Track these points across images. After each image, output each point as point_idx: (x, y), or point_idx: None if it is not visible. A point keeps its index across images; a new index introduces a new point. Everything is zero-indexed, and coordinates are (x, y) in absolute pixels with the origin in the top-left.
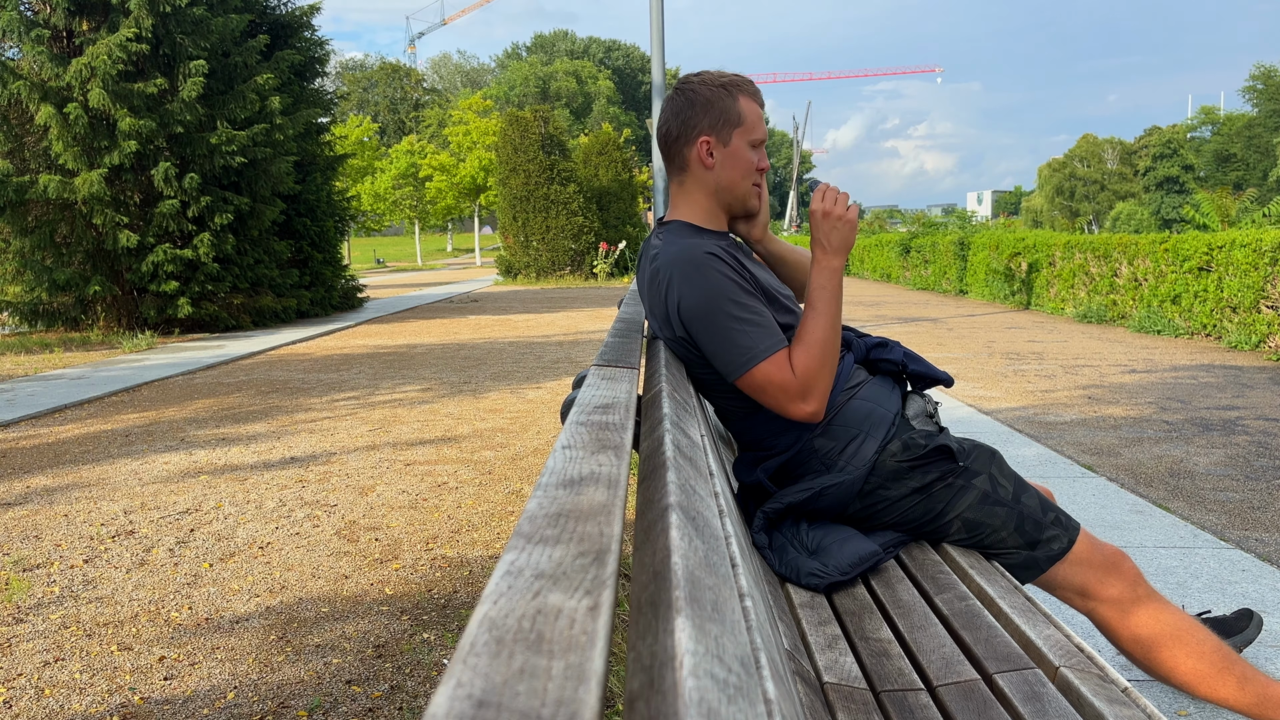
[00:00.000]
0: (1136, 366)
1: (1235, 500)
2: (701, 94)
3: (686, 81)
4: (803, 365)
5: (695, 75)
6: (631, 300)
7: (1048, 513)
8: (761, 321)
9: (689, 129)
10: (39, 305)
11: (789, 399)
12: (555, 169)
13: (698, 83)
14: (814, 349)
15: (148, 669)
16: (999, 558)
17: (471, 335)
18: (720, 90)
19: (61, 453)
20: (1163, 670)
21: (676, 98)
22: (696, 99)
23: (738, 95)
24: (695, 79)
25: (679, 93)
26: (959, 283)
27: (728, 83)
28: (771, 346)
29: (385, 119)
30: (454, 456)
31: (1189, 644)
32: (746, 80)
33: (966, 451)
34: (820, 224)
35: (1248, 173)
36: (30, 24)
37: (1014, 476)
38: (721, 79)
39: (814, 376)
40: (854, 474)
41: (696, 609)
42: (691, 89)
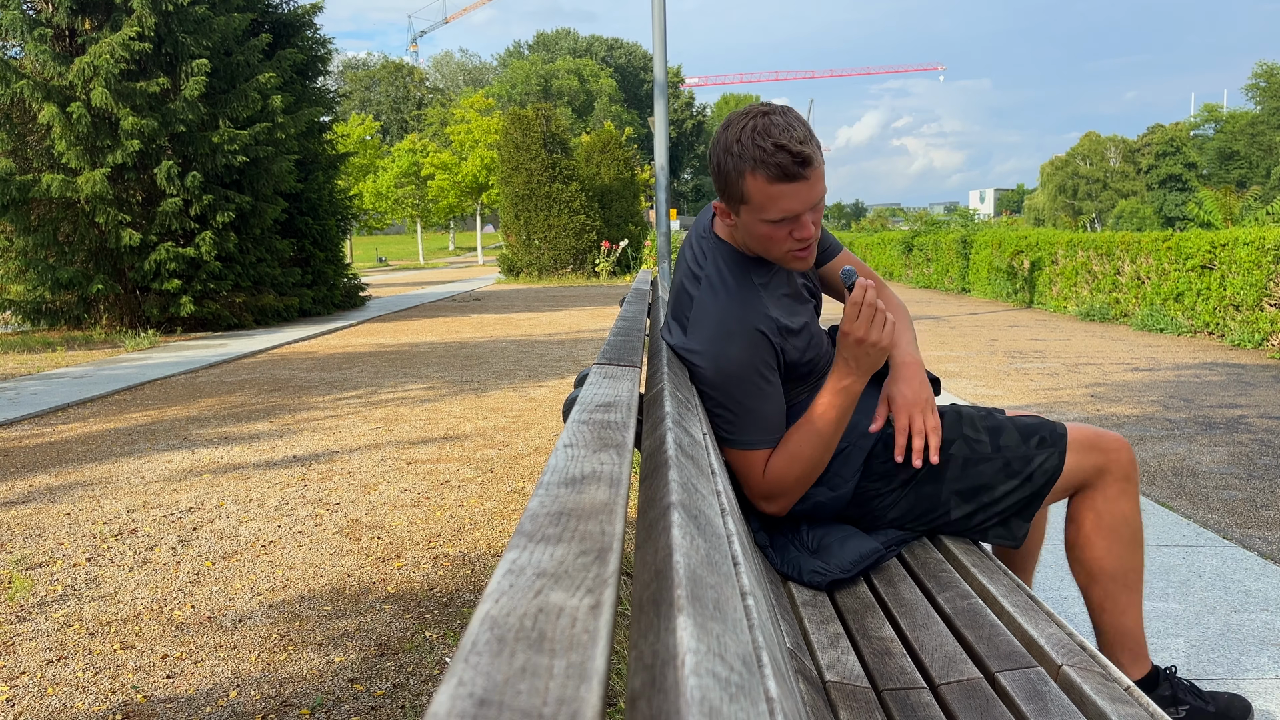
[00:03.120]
0: (1139, 365)
1: (1238, 499)
2: (714, 157)
3: (721, 132)
4: (778, 473)
5: (736, 122)
6: (634, 299)
7: (1030, 439)
8: (762, 413)
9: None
10: (42, 304)
11: (753, 494)
12: (557, 167)
13: (722, 139)
14: (796, 465)
15: (150, 667)
16: (1009, 510)
17: (474, 334)
18: (731, 160)
19: (64, 451)
20: (1086, 564)
21: (714, 139)
22: (712, 157)
23: (745, 174)
24: (726, 134)
25: (715, 138)
26: (961, 281)
27: (743, 154)
28: (756, 442)
29: (387, 118)
30: (456, 455)
31: (1126, 584)
32: (772, 151)
33: None
34: (850, 347)
35: (1251, 170)
36: (33, 23)
37: (985, 424)
38: (739, 146)
39: (785, 487)
40: (845, 487)
41: (698, 607)
42: (715, 144)
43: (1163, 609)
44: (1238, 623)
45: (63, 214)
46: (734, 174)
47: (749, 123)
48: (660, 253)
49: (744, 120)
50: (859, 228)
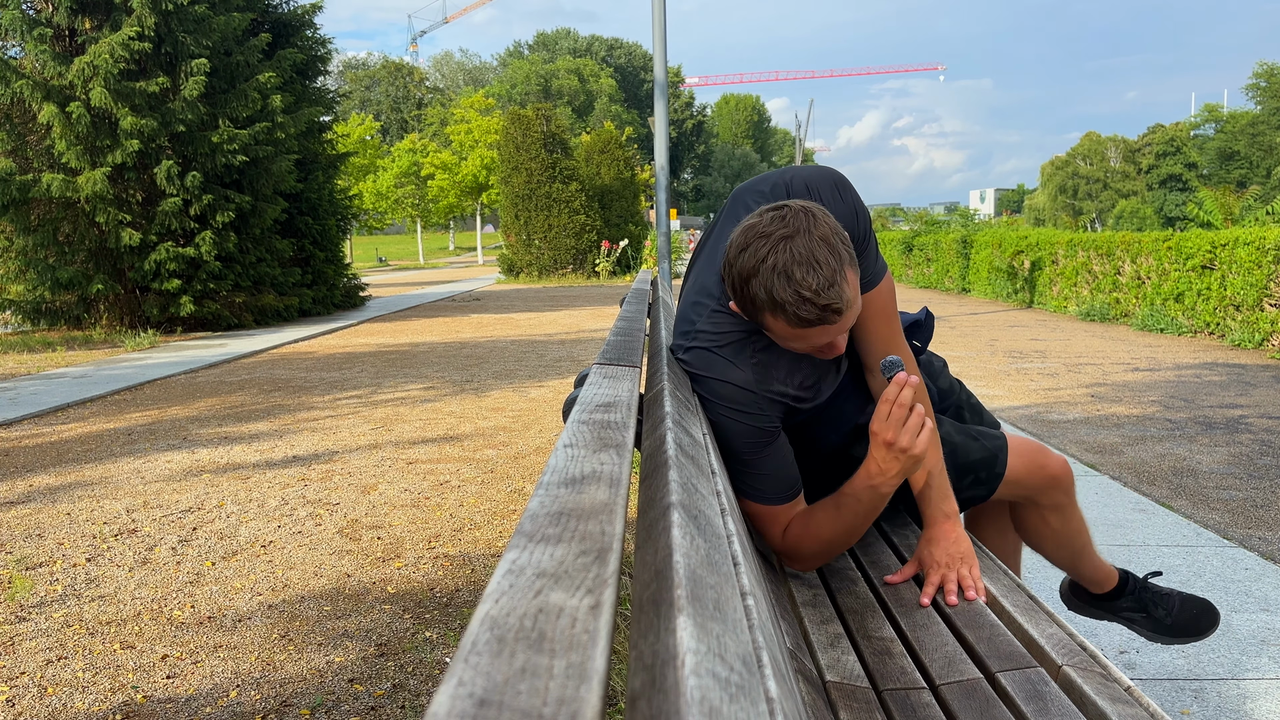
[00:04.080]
0: (1139, 365)
1: (1239, 499)
2: (732, 279)
3: (738, 254)
4: (795, 542)
5: (755, 249)
6: (634, 299)
7: (964, 477)
8: (766, 470)
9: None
10: (42, 304)
11: (772, 548)
12: (557, 167)
13: (740, 265)
14: (814, 542)
15: (150, 667)
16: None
17: (474, 334)
18: (749, 292)
19: (64, 451)
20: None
21: (731, 257)
22: (729, 276)
23: (765, 313)
24: (745, 260)
25: (732, 257)
26: (962, 281)
27: (764, 297)
28: (767, 497)
29: (387, 117)
30: (456, 455)
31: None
32: (795, 303)
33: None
34: (880, 447)
35: (1251, 171)
36: (32, 23)
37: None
38: (760, 288)
39: (803, 556)
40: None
41: (698, 607)
42: (733, 265)
43: None
44: (1238, 623)
45: (63, 214)
46: (753, 307)
47: (770, 258)
48: (660, 253)
49: (764, 252)
50: None
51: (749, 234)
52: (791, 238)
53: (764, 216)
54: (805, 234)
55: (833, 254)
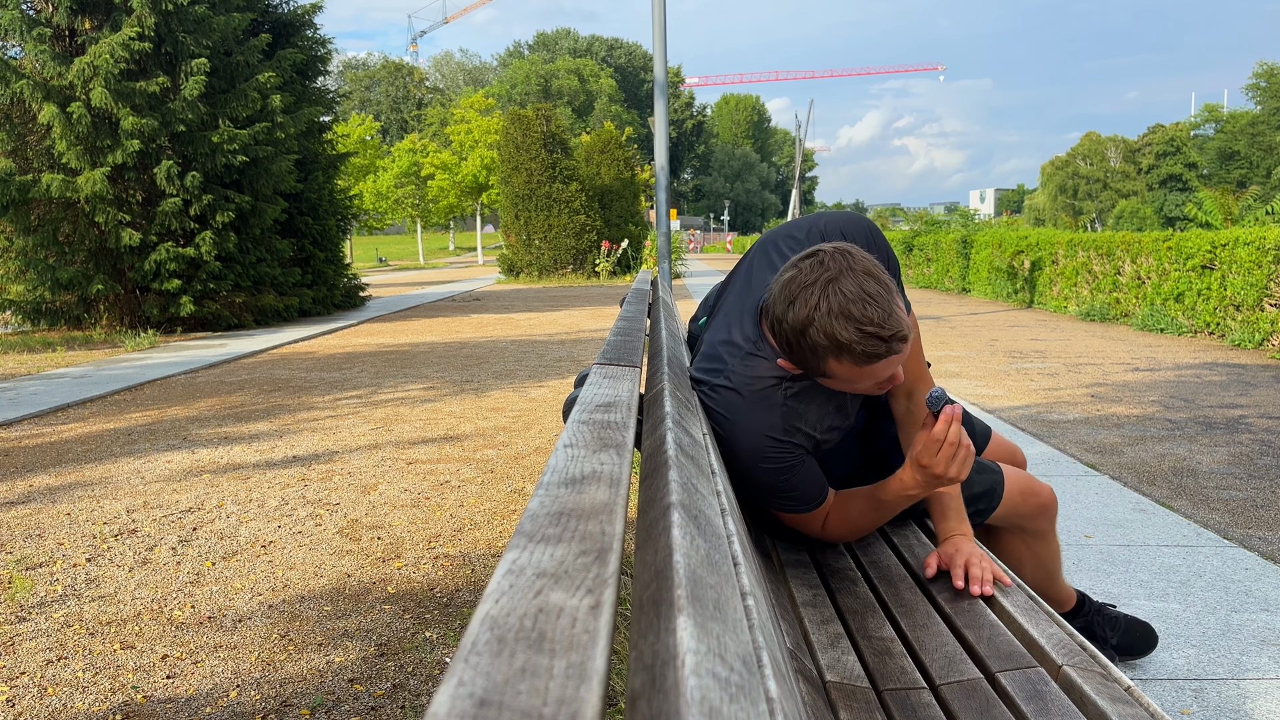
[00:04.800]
0: (1140, 365)
1: (1239, 499)
2: (786, 335)
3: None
4: (837, 533)
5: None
6: (634, 299)
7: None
8: (802, 491)
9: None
10: (42, 304)
11: (812, 538)
12: (557, 167)
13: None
14: (854, 530)
15: (150, 667)
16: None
17: (474, 334)
18: (807, 342)
19: (64, 451)
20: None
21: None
22: (782, 333)
23: (829, 360)
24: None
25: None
26: (962, 281)
27: (826, 343)
28: (803, 509)
29: (387, 118)
30: (456, 455)
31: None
32: (861, 339)
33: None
34: (922, 470)
35: (1251, 171)
36: (32, 23)
37: None
38: (821, 335)
39: (843, 539)
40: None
41: (698, 608)
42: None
43: (1163, 609)
44: (1238, 623)
45: (63, 214)
46: (815, 357)
47: (823, 304)
48: (660, 252)
49: (815, 299)
50: None
51: (792, 287)
52: (837, 279)
53: (801, 266)
54: (849, 272)
55: (881, 285)
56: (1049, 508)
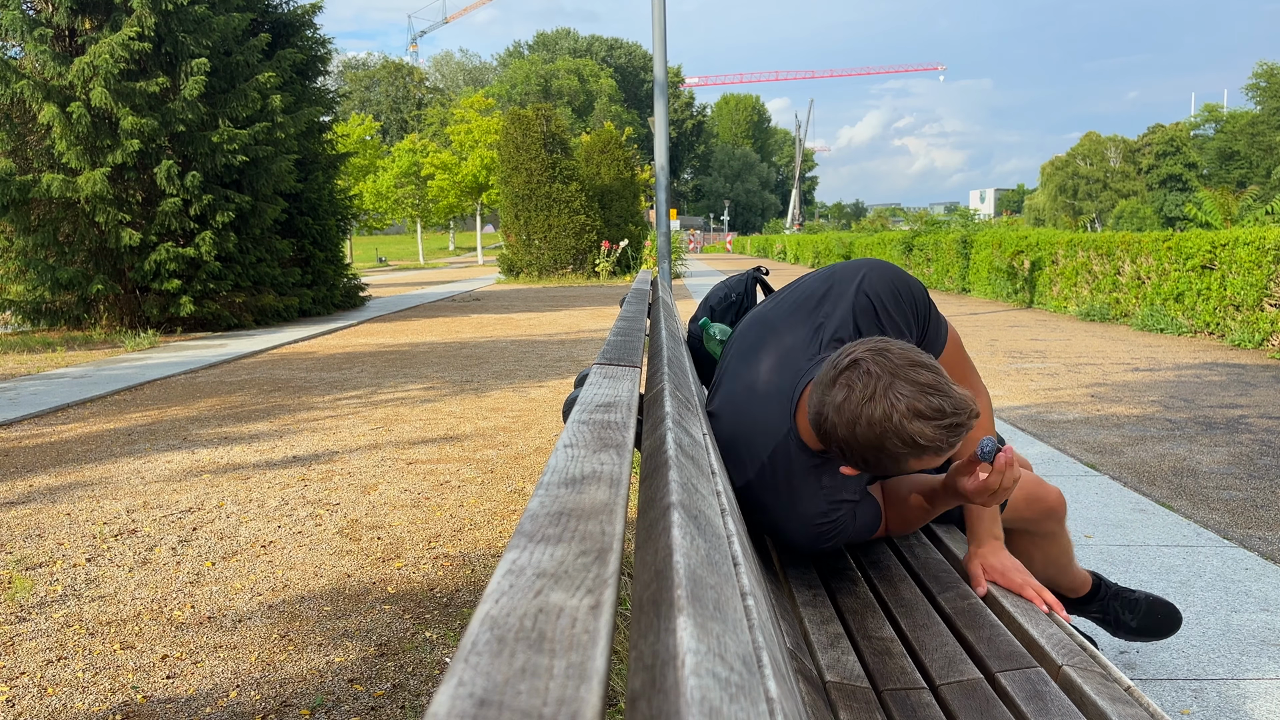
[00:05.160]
0: (1139, 365)
1: (1239, 499)
2: (857, 452)
3: (842, 420)
4: (899, 530)
5: (873, 412)
6: (634, 299)
7: None
8: (864, 528)
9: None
10: (42, 304)
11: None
12: (557, 167)
13: (865, 433)
14: (910, 526)
15: (150, 667)
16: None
17: (474, 334)
18: (892, 449)
19: (64, 451)
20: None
21: (843, 421)
22: (851, 440)
23: (908, 461)
24: (866, 432)
25: (844, 414)
26: (961, 281)
27: (913, 444)
28: (873, 531)
29: (387, 118)
30: (456, 455)
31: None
32: (944, 432)
33: None
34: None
35: (1251, 170)
36: (33, 23)
37: None
38: (901, 433)
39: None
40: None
41: (698, 608)
42: (863, 436)
43: None
44: (1238, 623)
45: (63, 214)
46: (895, 462)
47: (893, 413)
48: (660, 253)
49: (882, 411)
50: (859, 228)
51: (849, 408)
52: (893, 383)
53: (851, 385)
54: (898, 372)
55: (931, 369)
56: (1056, 511)
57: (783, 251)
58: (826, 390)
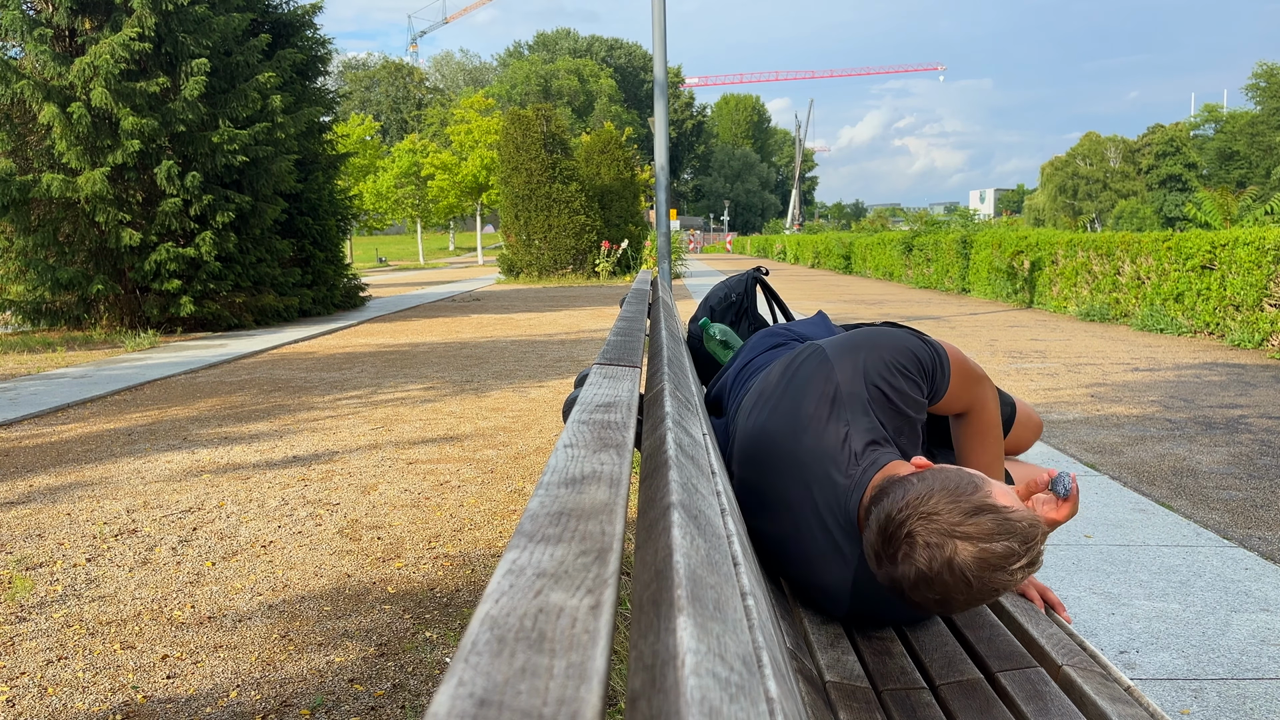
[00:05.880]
0: (1139, 365)
1: (1239, 499)
2: (937, 599)
3: (928, 584)
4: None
5: (945, 572)
6: (634, 299)
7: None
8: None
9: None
10: (42, 304)
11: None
12: (557, 167)
13: (945, 579)
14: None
15: (150, 667)
16: None
17: (474, 334)
18: (981, 591)
19: (64, 451)
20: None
21: (925, 576)
22: (935, 583)
23: (991, 596)
24: (951, 571)
25: (922, 576)
26: (961, 281)
27: (995, 588)
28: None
29: (387, 118)
30: (456, 455)
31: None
32: (1016, 571)
33: None
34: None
35: (1250, 171)
36: (33, 23)
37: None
38: (985, 582)
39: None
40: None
41: (698, 608)
42: (936, 566)
43: (1163, 609)
44: (1238, 623)
45: (63, 214)
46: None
47: (971, 566)
48: (660, 253)
49: (962, 563)
50: (859, 228)
51: (923, 582)
52: (956, 548)
53: (910, 559)
54: (955, 531)
55: (985, 509)
56: (1039, 430)
57: (783, 251)
58: (890, 565)
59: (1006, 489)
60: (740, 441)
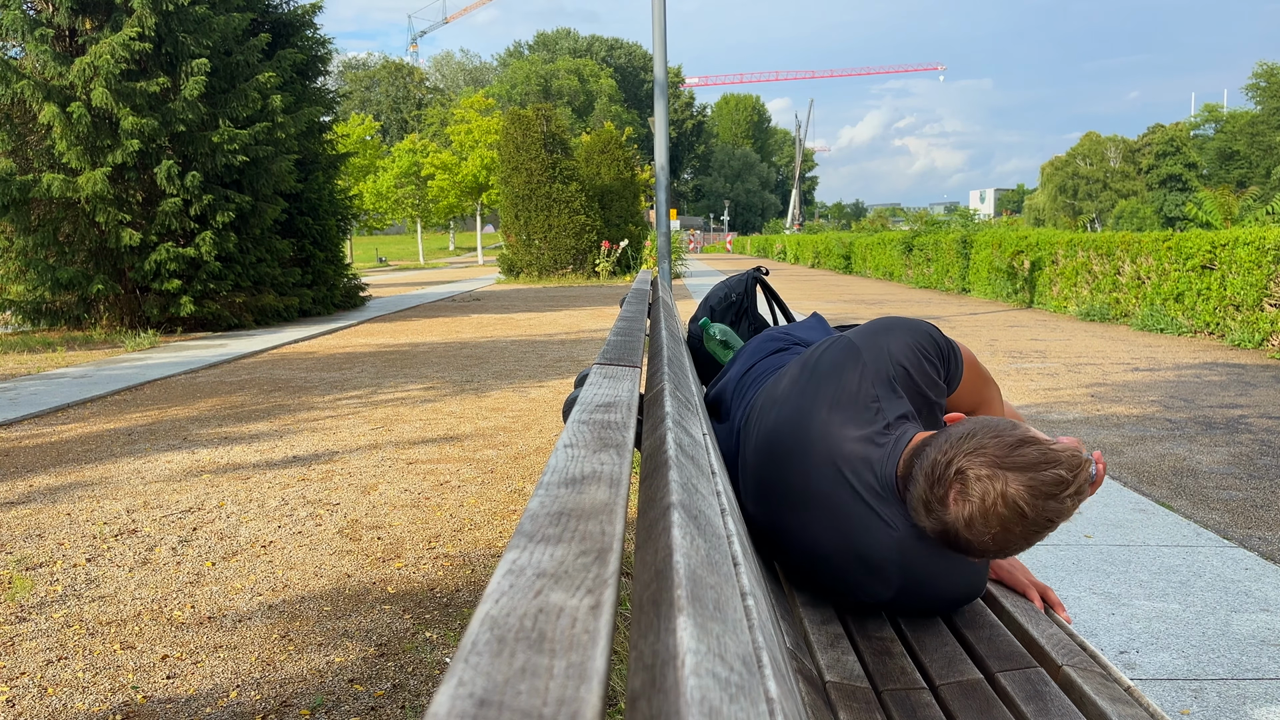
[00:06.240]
0: (1139, 365)
1: (1239, 499)
2: (992, 536)
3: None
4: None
5: (1003, 484)
6: (634, 299)
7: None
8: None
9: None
10: (42, 304)
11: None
12: (557, 167)
13: (1000, 513)
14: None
15: (150, 667)
16: None
17: (474, 334)
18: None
19: (64, 451)
20: None
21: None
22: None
23: (1044, 532)
24: (993, 501)
25: (976, 510)
26: (961, 281)
27: (1045, 520)
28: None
29: (387, 118)
30: (456, 455)
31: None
32: (1070, 501)
33: None
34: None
35: (1251, 170)
36: (33, 23)
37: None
38: (1042, 510)
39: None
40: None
41: (698, 608)
42: (994, 515)
43: (1163, 609)
44: (1238, 623)
45: (63, 214)
46: (1033, 540)
47: (1023, 496)
48: (660, 253)
49: (1015, 499)
50: (859, 227)
51: (979, 518)
52: (1009, 478)
53: (965, 496)
54: (1004, 462)
55: (1029, 441)
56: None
57: (783, 251)
58: (942, 509)
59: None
60: (759, 441)
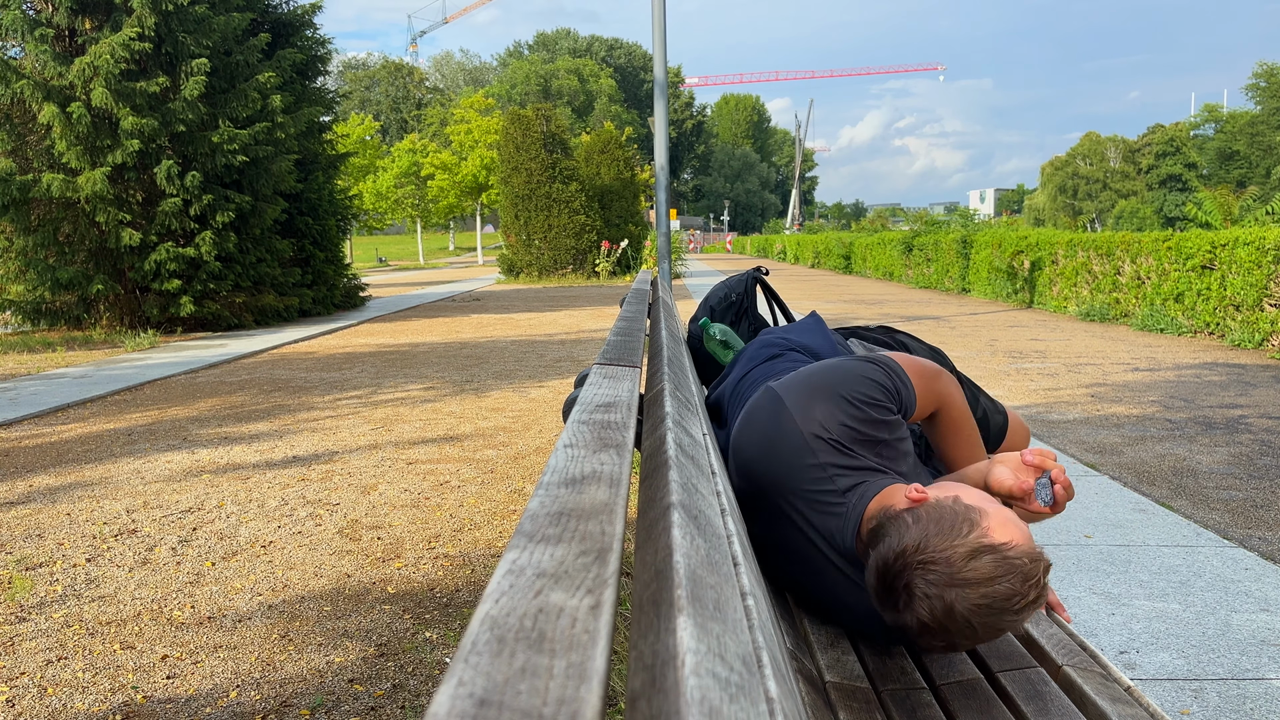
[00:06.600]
0: (1139, 365)
1: (1239, 499)
2: (949, 640)
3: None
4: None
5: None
6: (634, 299)
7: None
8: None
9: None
10: (42, 304)
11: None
12: (557, 167)
13: (954, 627)
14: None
15: (150, 667)
16: None
17: (474, 334)
18: (977, 636)
19: (64, 452)
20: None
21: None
22: (934, 611)
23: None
24: (963, 596)
25: (926, 587)
26: (961, 281)
27: (1001, 629)
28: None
29: (387, 118)
30: (456, 455)
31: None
32: (1026, 607)
33: None
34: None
35: (1251, 170)
36: (33, 23)
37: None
38: (993, 624)
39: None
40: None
41: (698, 608)
42: (949, 627)
43: (1163, 609)
44: (1238, 623)
45: (63, 214)
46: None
47: (976, 614)
48: (660, 253)
49: (966, 617)
50: (859, 228)
51: (934, 627)
52: (958, 595)
53: (914, 610)
54: (955, 580)
55: (985, 549)
56: (1028, 438)
57: (783, 252)
58: (894, 613)
59: (1006, 517)
60: (734, 462)
